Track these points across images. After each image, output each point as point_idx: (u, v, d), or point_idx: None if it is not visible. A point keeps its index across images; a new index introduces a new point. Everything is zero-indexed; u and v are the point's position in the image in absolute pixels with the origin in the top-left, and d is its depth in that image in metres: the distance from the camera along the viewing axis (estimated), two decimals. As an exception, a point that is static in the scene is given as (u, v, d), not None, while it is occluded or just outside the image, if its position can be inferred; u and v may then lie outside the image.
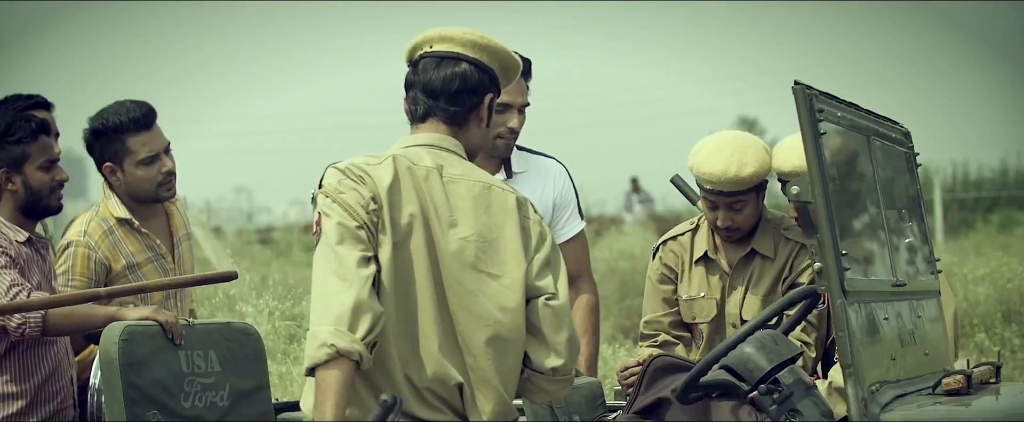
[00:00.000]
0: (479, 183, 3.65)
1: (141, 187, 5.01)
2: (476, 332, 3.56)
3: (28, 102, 4.92)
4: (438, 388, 3.54)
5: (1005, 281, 11.11)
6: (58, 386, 4.57)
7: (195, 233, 15.67)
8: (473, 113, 3.73)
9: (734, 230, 4.86)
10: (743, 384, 4.05)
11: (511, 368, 3.59)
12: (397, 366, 3.53)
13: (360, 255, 3.49)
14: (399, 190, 3.57)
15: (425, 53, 3.74)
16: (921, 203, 4.65)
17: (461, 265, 3.57)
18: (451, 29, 3.75)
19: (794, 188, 3.88)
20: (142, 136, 4.99)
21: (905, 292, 4.24)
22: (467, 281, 3.57)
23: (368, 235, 3.52)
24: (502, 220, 3.63)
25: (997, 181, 27.88)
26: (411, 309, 3.55)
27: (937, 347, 4.43)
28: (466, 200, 3.61)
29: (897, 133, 4.58)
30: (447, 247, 3.57)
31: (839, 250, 3.80)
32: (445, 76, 3.70)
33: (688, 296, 4.94)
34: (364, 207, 3.53)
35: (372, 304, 3.44)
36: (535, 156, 5.17)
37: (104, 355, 4.22)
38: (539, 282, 3.62)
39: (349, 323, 3.41)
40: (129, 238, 5.00)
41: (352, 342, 3.40)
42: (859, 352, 3.79)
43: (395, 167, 3.60)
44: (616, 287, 14.52)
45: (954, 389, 4.00)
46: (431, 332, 3.54)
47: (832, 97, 4.04)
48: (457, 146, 3.71)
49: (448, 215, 3.60)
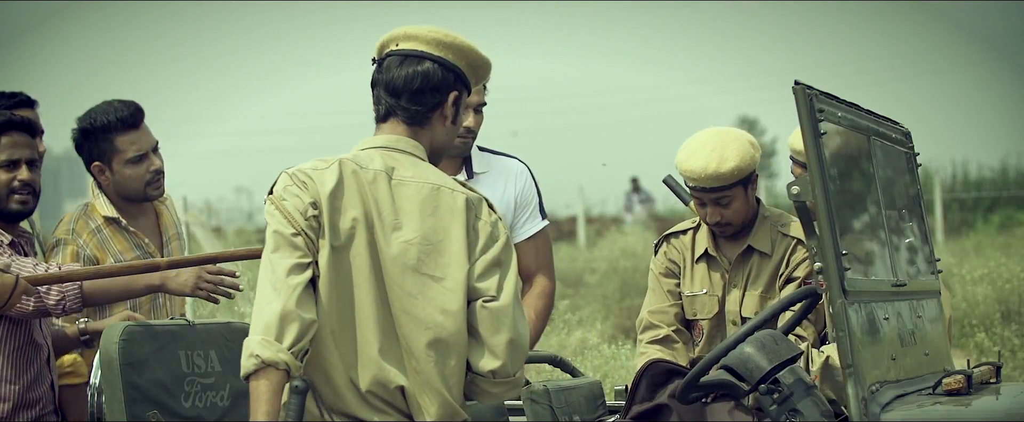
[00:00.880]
0: (428, 185, 3.63)
1: (130, 186, 5.01)
2: (417, 335, 3.55)
3: (11, 101, 4.92)
4: (380, 391, 3.54)
5: (1004, 281, 11.12)
6: (39, 393, 4.55)
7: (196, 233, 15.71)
8: (436, 112, 3.72)
9: (725, 225, 4.86)
10: (743, 384, 4.06)
11: (454, 371, 3.57)
12: (340, 370, 3.55)
13: (292, 263, 3.51)
14: (342, 194, 3.58)
15: (391, 52, 3.74)
16: (921, 203, 4.65)
17: (402, 268, 3.56)
18: (417, 28, 3.74)
19: (794, 188, 3.89)
20: (130, 135, 4.99)
21: (905, 292, 4.24)
22: (408, 284, 3.56)
23: (306, 241, 3.53)
24: (449, 222, 3.61)
25: (997, 181, 27.89)
26: (352, 313, 3.56)
27: (937, 347, 4.43)
28: (413, 202, 3.60)
29: (897, 133, 4.59)
30: (389, 250, 3.57)
31: (839, 250, 3.80)
32: (407, 74, 3.69)
33: (690, 292, 4.95)
34: (303, 213, 3.54)
35: (300, 313, 3.46)
36: (497, 156, 5.22)
37: (104, 355, 4.21)
38: (481, 283, 3.59)
39: (276, 333, 3.44)
40: (117, 237, 5.00)
41: (278, 352, 3.42)
42: (859, 352, 3.79)
43: (340, 171, 3.60)
44: (616, 287, 14.54)
45: (954, 389, 4.00)
46: (372, 335, 3.55)
47: (832, 97, 4.04)
48: (415, 147, 3.70)
49: (392, 218, 3.59)
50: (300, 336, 3.45)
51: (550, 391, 4.69)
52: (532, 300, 5.11)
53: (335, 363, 3.54)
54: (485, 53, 3.81)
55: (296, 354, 3.44)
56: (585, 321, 11.61)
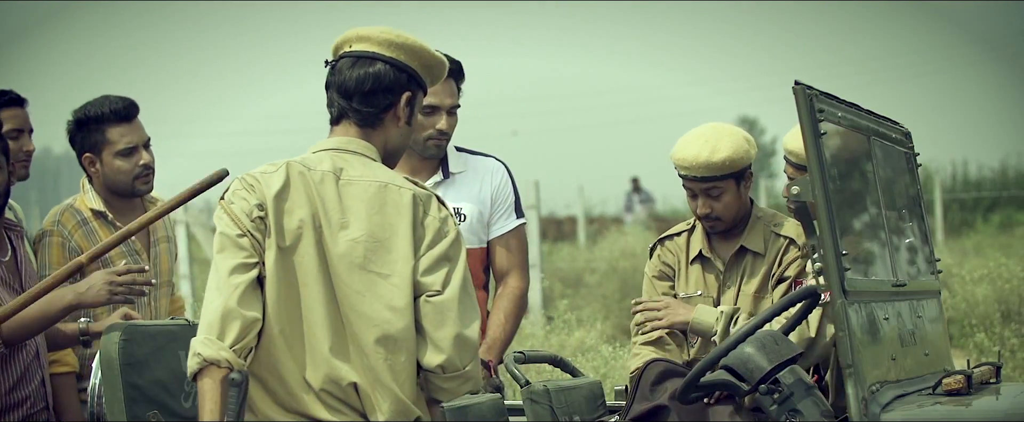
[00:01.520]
0: (375, 183, 3.65)
1: (118, 178, 5.03)
2: (366, 332, 3.57)
3: (0, 99, 4.92)
4: (333, 389, 3.56)
5: (1004, 281, 11.11)
6: (26, 392, 4.54)
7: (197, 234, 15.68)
8: (388, 113, 3.74)
9: (714, 219, 4.86)
10: (743, 384, 4.06)
11: (404, 367, 3.58)
12: (292, 369, 3.57)
13: (236, 263, 3.55)
14: (288, 196, 3.61)
15: (343, 53, 3.75)
16: (921, 203, 4.65)
17: (349, 266, 3.58)
18: (369, 29, 3.75)
19: (795, 188, 3.89)
20: (122, 127, 5.02)
21: (905, 292, 4.24)
22: (355, 282, 3.58)
23: (251, 242, 3.57)
24: (395, 218, 3.62)
25: (997, 181, 27.88)
26: (302, 312, 3.58)
27: (937, 347, 4.43)
28: (360, 201, 3.62)
29: (897, 133, 4.59)
30: (336, 249, 3.59)
31: (839, 250, 3.80)
32: (358, 76, 3.71)
33: (685, 294, 4.95)
34: (248, 215, 3.58)
35: (241, 311, 3.50)
36: (475, 156, 5.23)
37: (104, 355, 4.22)
38: (426, 278, 3.60)
39: (218, 331, 3.49)
40: (103, 230, 5.02)
41: (219, 350, 3.47)
42: (859, 352, 3.79)
43: (287, 173, 3.63)
44: (616, 287, 14.54)
45: (954, 389, 4.00)
46: (322, 334, 3.56)
47: (832, 97, 4.04)
48: (366, 148, 3.71)
49: (339, 217, 3.61)
50: (242, 334, 3.50)
51: (550, 391, 4.69)
52: (503, 302, 5.12)
53: (287, 363, 3.57)
54: (439, 53, 3.81)
55: (238, 352, 3.49)
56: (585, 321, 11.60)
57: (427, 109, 5.02)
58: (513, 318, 5.13)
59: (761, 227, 4.90)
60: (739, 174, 4.82)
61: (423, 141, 5.05)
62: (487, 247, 5.19)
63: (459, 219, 5.11)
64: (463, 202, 5.13)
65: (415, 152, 5.11)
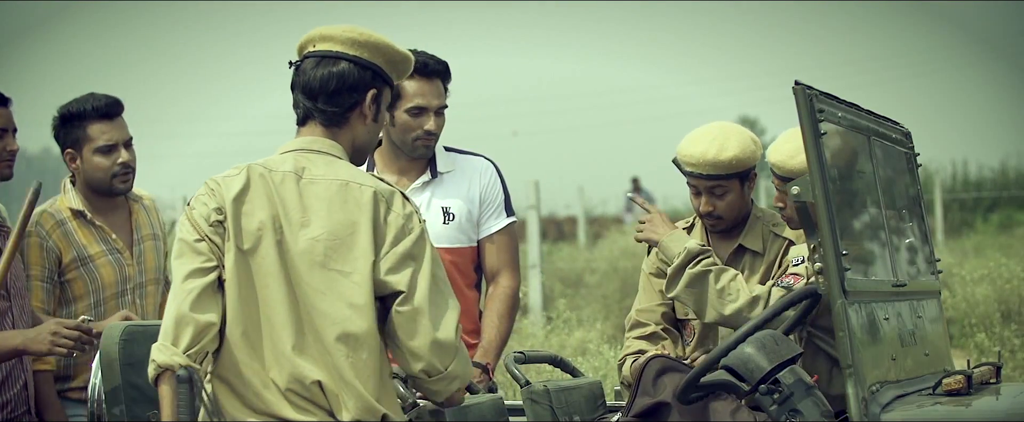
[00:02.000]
0: (336, 181, 3.64)
1: (96, 176, 5.05)
2: (327, 330, 3.57)
3: None
4: (298, 388, 3.55)
5: (1004, 281, 11.11)
6: (8, 396, 4.55)
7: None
8: (354, 111, 3.73)
9: (716, 218, 4.85)
10: (743, 384, 4.06)
11: (366, 364, 3.57)
12: (258, 370, 3.57)
13: (191, 268, 3.57)
14: (248, 198, 3.61)
15: (308, 53, 3.75)
16: (921, 203, 4.65)
17: (310, 265, 3.58)
18: (332, 28, 3.74)
19: (795, 188, 3.88)
20: (103, 124, 5.05)
21: (905, 292, 4.24)
22: (316, 281, 3.58)
23: (209, 246, 3.59)
24: (356, 216, 3.60)
25: (997, 181, 27.88)
26: (264, 313, 3.59)
27: (937, 347, 4.43)
28: (321, 200, 3.61)
29: (897, 133, 4.59)
30: (296, 247, 3.59)
31: (839, 250, 3.80)
32: (322, 76, 3.70)
33: None
34: (206, 219, 3.60)
35: (194, 316, 3.52)
36: (463, 155, 5.25)
37: (105, 355, 4.22)
38: (391, 276, 3.59)
39: (172, 337, 3.52)
40: (82, 230, 5.03)
41: (173, 355, 3.49)
42: (859, 352, 3.79)
43: (247, 176, 3.63)
44: (617, 287, 14.54)
45: (954, 389, 4.00)
46: (284, 334, 3.56)
47: (832, 97, 4.04)
48: (331, 147, 3.71)
49: (300, 217, 3.61)
50: (196, 339, 3.52)
51: (550, 391, 4.69)
52: (495, 303, 5.13)
53: (251, 364, 3.57)
54: (403, 48, 3.80)
55: (193, 356, 3.50)
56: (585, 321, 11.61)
57: (415, 110, 5.03)
58: (507, 318, 5.14)
59: (760, 227, 4.90)
60: (744, 174, 4.82)
61: (411, 142, 5.07)
62: (478, 246, 5.19)
63: (448, 218, 5.12)
64: (452, 201, 5.14)
65: (403, 152, 5.12)
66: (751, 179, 4.85)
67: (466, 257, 5.16)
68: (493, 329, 5.11)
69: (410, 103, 5.03)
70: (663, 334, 4.93)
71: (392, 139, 5.11)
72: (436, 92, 5.06)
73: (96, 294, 5.01)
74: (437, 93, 5.06)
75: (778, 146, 4.70)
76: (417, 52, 5.05)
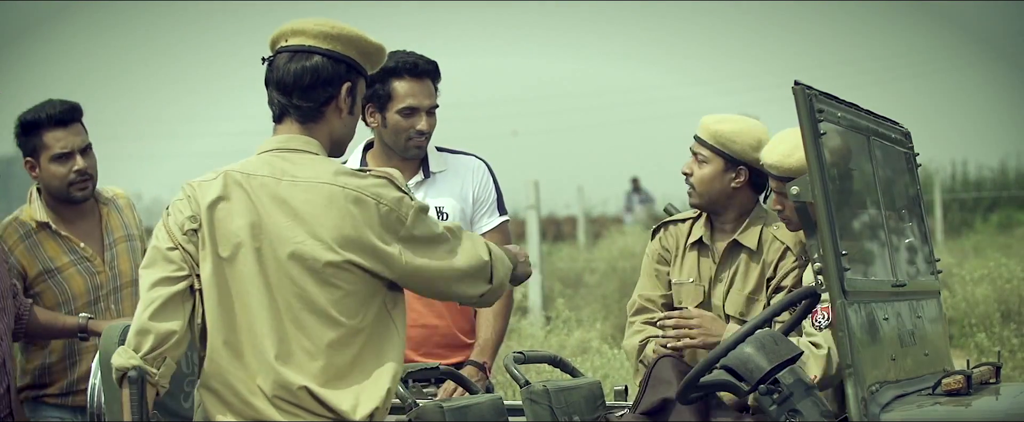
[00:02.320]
0: (318, 183, 3.59)
1: (53, 184, 5.03)
2: (321, 332, 3.54)
3: None
4: (285, 394, 3.53)
5: (1004, 281, 11.11)
6: None
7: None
8: (329, 105, 3.70)
9: (691, 186, 4.90)
10: (743, 384, 4.06)
11: (359, 361, 3.57)
12: (242, 378, 3.55)
13: (159, 276, 3.57)
14: (224, 205, 3.58)
15: (280, 48, 3.71)
16: (921, 203, 4.65)
17: (301, 269, 3.54)
18: (304, 22, 3.70)
19: (794, 188, 3.88)
20: (58, 132, 5.01)
21: (905, 292, 4.24)
22: (308, 284, 3.54)
23: (182, 255, 3.58)
24: (343, 217, 3.57)
25: (997, 181, 27.86)
26: (246, 321, 3.56)
27: (937, 347, 4.43)
28: (304, 202, 3.57)
29: (897, 133, 4.59)
30: (282, 252, 3.55)
31: (839, 250, 3.80)
32: (296, 71, 3.67)
33: (677, 280, 4.96)
34: (180, 227, 3.59)
35: (154, 325, 3.54)
36: (455, 155, 5.26)
37: (104, 356, 4.21)
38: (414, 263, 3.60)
39: (134, 344, 3.55)
40: (49, 242, 5.00)
41: (129, 359, 3.52)
42: (859, 352, 3.79)
43: (224, 181, 3.60)
44: (616, 286, 14.53)
45: (954, 389, 4.00)
46: (267, 342, 3.54)
47: (832, 97, 4.04)
48: (308, 144, 3.67)
49: (283, 220, 3.56)
50: (155, 347, 3.53)
51: (550, 391, 4.68)
52: None
53: (236, 372, 3.55)
54: (375, 39, 3.78)
55: (150, 361, 3.52)
56: (585, 321, 11.61)
57: (406, 111, 5.04)
58: (501, 317, 5.15)
59: (759, 225, 4.90)
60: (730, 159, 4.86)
61: (404, 142, 5.08)
62: None
63: (442, 218, 5.12)
64: (445, 200, 5.15)
65: (395, 153, 5.12)
66: (737, 169, 4.85)
67: None
68: (489, 328, 5.11)
69: (402, 104, 5.04)
70: None
71: (384, 140, 5.12)
72: (427, 92, 5.07)
73: (67, 304, 4.97)
74: (428, 93, 5.08)
75: (773, 147, 4.70)
76: (406, 52, 5.07)
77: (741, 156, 4.84)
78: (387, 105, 5.04)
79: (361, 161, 5.20)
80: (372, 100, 5.06)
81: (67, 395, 5.02)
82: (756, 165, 4.84)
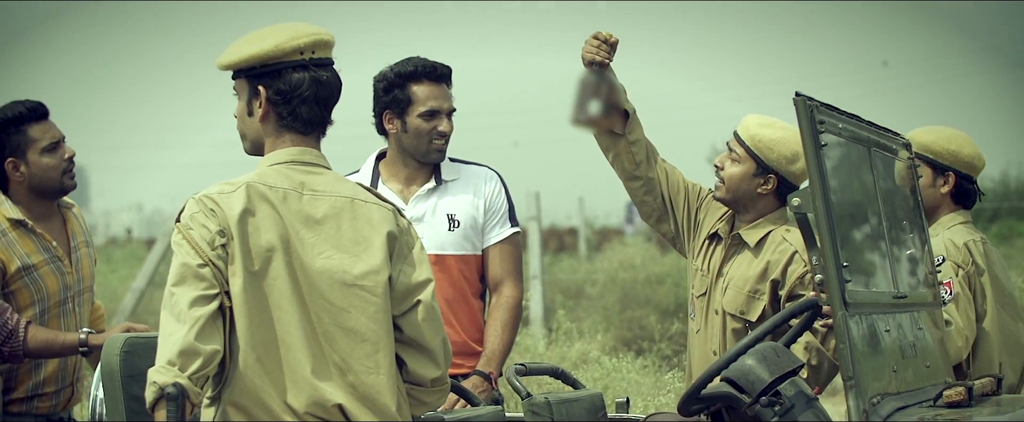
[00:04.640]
0: (342, 198, 3.60)
1: (48, 176, 5.00)
2: (355, 348, 3.52)
3: None
4: (318, 411, 3.49)
5: (1006, 293, 11.07)
6: None
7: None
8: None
9: (720, 179, 4.91)
10: (745, 396, 4.05)
11: (389, 378, 3.55)
12: (273, 395, 3.49)
13: (197, 295, 3.45)
14: (252, 218, 3.52)
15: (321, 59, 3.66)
16: (922, 214, 4.65)
17: (330, 283, 3.53)
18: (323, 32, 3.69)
19: (795, 199, 3.88)
20: (42, 125, 5.00)
21: (906, 304, 4.24)
22: (338, 299, 3.53)
23: (213, 271, 3.47)
24: (368, 232, 3.57)
25: (998, 192, 27.83)
26: (279, 336, 3.50)
27: (938, 359, 4.43)
28: (330, 217, 3.57)
29: (898, 144, 4.59)
30: (312, 267, 3.53)
31: (840, 261, 3.80)
32: (338, 87, 3.68)
33: (692, 261, 5.00)
34: (210, 243, 3.49)
35: (201, 346, 3.41)
36: (467, 165, 5.28)
37: (106, 366, 4.22)
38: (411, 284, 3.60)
39: (179, 364, 3.39)
40: (24, 239, 4.99)
41: (175, 377, 3.37)
42: (860, 364, 3.79)
43: (247, 194, 3.53)
44: (617, 298, 14.50)
45: (955, 401, 4.00)
46: (303, 356, 3.49)
47: (833, 108, 4.04)
48: (318, 157, 3.67)
49: (311, 235, 3.54)
50: (202, 366, 3.42)
51: (551, 403, 4.68)
52: (499, 312, 5.14)
53: (267, 389, 3.49)
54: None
55: (196, 381, 3.40)
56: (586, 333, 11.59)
57: (428, 114, 5.08)
58: (510, 328, 5.15)
59: (767, 225, 4.89)
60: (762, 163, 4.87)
61: (427, 144, 5.10)
62: (482, 254, 5.20)
63: (453, 224, 5.13)
64: (457, 208, 5.15)
65: (412, 157, 5.14)
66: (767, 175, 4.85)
67: (472, 265, 5.17)
68: (496, 339, 5.12)
69: (423, 107, 5.08)
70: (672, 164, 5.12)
71: (403, 146, 5.14)
72: (445, 95, 5.14)
73: (41, 303, 4.96)
74: (446, 96, 5.14)
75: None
76: (420, 58, 5.12)
77: (775, 165, 4.84)
78: (407, 109, 5.08)
79: (373, 170, 5.22)
80: (390, 106, 5.08)
81: (32, 399, 4.98)
82: (789, 177, 4.85)
